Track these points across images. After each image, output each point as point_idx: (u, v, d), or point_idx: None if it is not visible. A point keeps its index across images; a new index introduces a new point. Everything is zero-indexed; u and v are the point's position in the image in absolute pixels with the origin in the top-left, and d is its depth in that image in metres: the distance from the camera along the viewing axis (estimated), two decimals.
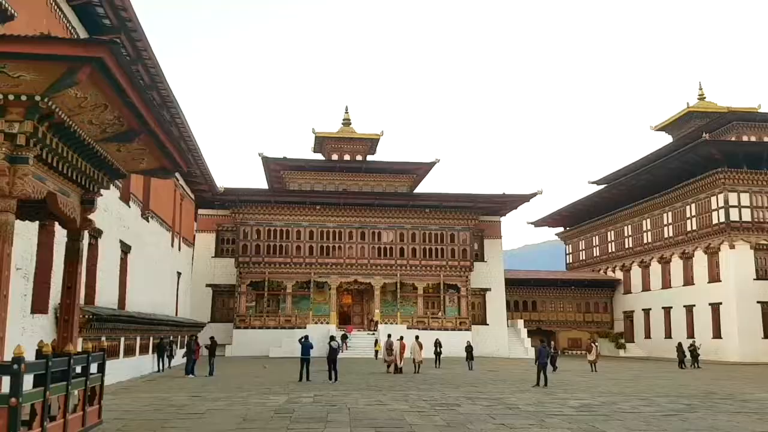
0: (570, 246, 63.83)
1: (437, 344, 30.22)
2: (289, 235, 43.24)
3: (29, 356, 7.15)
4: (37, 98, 6.76)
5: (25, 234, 13.60)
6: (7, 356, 7.08)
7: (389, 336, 26.90)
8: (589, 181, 58.58)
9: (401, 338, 26.44)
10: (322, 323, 40.71)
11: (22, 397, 6.89)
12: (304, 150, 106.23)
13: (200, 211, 42.10)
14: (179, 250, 33.54)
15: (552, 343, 30.59)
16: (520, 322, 47.32)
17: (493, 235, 47.09)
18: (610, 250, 55.67)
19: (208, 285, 43.80)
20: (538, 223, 65.85)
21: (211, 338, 25.60)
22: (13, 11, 10.04)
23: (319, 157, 52.48)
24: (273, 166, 47.74)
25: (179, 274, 33.77)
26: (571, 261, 63.26)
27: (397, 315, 41.83)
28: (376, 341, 35.38)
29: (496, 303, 45.78)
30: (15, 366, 6.86)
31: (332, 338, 22.16)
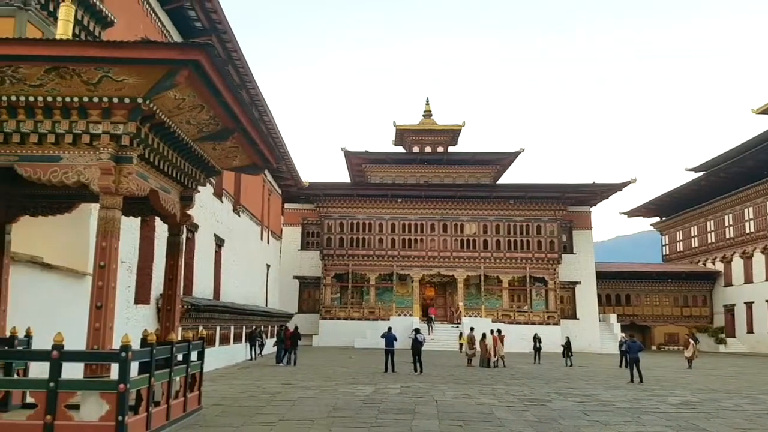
0: (666, 237, 60.81)
1: (536, 339, 29.46)
2: (371, 227, 43.67)
3: (134, 345, 7.56)
4: (140, 100, 7.12)
5: (129, 229, 14.44)
6: (115, 345, 7.54)
7: (472, 329, 26.66)
8: (686, 168, 55.43)
9: (492, 332, 26.12)
10: (405, 315, 40.92)
11: (130, 383, 7.29)
12: (385, 143, 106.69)
13: (286, 206, 43.28)
14: (268, 243, 34.68)
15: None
16: (613, 317, 45.62)
17: (582, 226, 45.56)
18: (709, 241, 52.60)
19: (295, 277, 45.03)
20: (631, 213, 63.11)
21: (296, 328, 26.15)
22: (113, 17, 10.62)
23: (400, 149, 52.57)
24: (355, 160, 48.32)
25: (268, 266, 34.92)
26: (667, 252, 60.28)
27: (481, 308, 41.37)
28: (461, 334, 35.16)
29: (587, 297, 44.31)
30: (123, 354, 7.27)
31: (417, 330, 22.21)
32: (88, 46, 7.29)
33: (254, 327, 27.24)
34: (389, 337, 21.56)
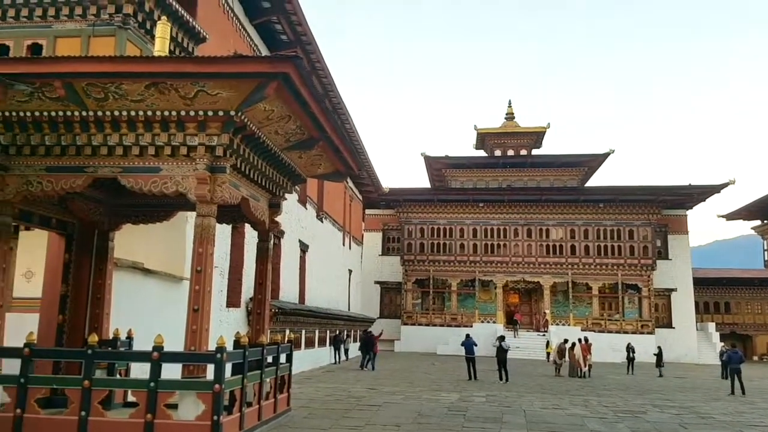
0: None
1: (630, 349, 28.30)
2: (452, 233, 43.35)
3: (227, 347, 7.83)
4: (232, 113, 7.40)
5: (220, 235, 15.02)
6: (210, 346, 7.83)
7: (565, 341, 25.89)
8: None
9: (580, 340, 25.31)
10: (488, 322, 40.29)
11: (224, 384, 7.55)
12: (465, 147, 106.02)
13: (367, 211, 43.73)
14: (349, 248, 35.17)
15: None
16: (711, 326, 43.00)
17: (678, 231, 43.26)
18: None
19: (376, 282, 45.32)
20: (730, 216, 59.00)
21: (370, 333, 26.34)
22: (205, 34, 11.12)
23: (481, 153, 51.91)
24: (435, 165, 48.15)
25: (350, 271, 35.40)
26: None
27: (569, 316, 40.07)
28: (548, 343, 34.20)
29: (683, 304, 41.97)
30: (218, 355, 7.55)
31: (501, 338, 21.78)
32: (185, 62, 7.67)
33: (338, 331, 27.67)
34: (468, 344, 21.28)
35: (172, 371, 7.88)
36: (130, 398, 8.87)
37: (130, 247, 11.23)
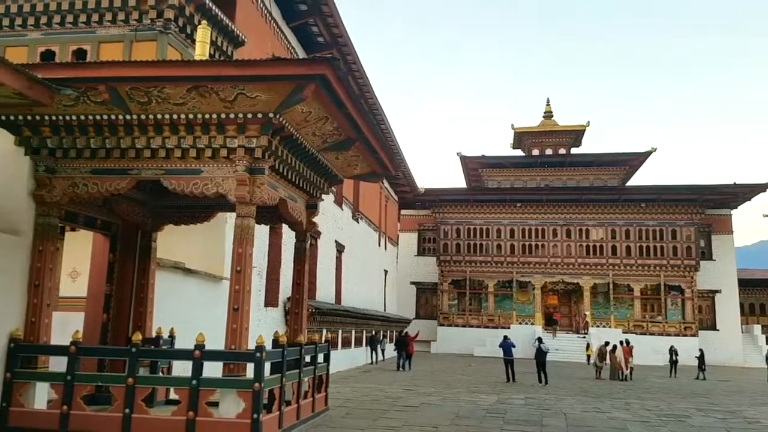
0: None
1: (673, 351, 27.71)
2: (489, 233, 42.98)
3: (266, 346, 7.89)
4: (271, 115, 7.47)
5: (258, 236, 15.20)
6: (250, 345, 7.92)
7: (606, 343, 25.45)
8: None
9: (621, 343, 24.85)
10: (526, 324, 39.80)
11: (264, 382, 7.63)
12: (502, 147, 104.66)
13: (403, 212, 43.69)
14: (385, 249, 35.21)
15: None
16: (757, 328, 41.70)
17: (722, 231, 42.03)
18: None
19: (412, 283, 45.23)
20: None
21: (405, 333, 26.37)
22: (244, 37, 11.26)
23: (519, 153, 51.33)
24: (471, 165, 47.81)
25: (386, 272, 35.44)
26: None
27: (610, 318, 39.28)
28: (588, 345, 33.61)
29: (728, 306, 40.77)
30: (258, 354, 7.63)
31: (540, 340, 21.50)
32: (226, 66, 7.79)
33: (374, 331, 27.73)
34: (506, 346, 21.02)
35: (212, 369, 8.00)
36: (172, 396, 9.04)
37: (171, 248, 11.44)
